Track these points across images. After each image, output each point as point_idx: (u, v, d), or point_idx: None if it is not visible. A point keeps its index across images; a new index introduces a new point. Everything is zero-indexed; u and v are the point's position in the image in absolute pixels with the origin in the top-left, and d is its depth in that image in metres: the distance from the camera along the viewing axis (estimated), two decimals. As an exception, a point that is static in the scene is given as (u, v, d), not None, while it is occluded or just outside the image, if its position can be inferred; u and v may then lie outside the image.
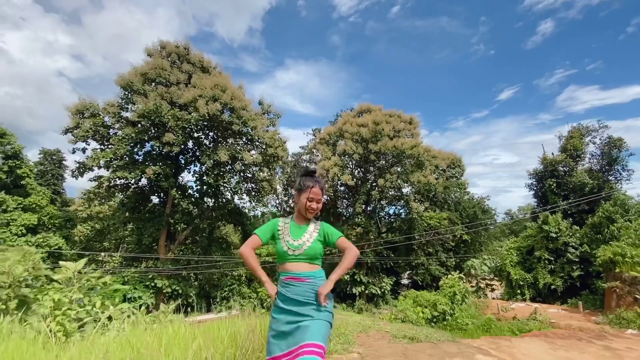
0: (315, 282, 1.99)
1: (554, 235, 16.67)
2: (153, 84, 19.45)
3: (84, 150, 19.38)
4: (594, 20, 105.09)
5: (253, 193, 22.74)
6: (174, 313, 5.45)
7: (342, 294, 24.22)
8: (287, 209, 30.74)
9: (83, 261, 4.25)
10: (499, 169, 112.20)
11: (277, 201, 32.39)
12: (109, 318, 3.96)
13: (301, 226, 2.13)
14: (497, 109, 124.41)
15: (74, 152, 19.42)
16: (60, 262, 4.14)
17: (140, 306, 16.97)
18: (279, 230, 2.12)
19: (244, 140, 21.34)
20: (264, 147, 21.02)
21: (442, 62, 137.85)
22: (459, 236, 27.60)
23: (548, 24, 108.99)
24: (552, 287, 16.17)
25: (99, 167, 19.04)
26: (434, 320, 13.36)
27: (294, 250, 2.02)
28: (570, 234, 16.76)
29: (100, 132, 19.07)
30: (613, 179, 18.96)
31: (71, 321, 3.05)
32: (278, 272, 2.13)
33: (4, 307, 3.63)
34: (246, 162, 20.23)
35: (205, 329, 2.67)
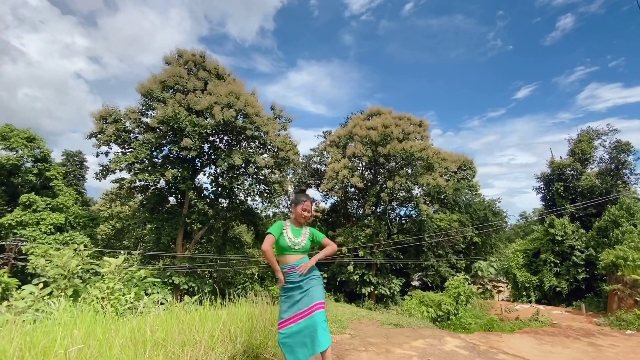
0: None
1: (559, 238, 16.85)
2: (171, 91, 20.50)
3: (107, 153, 20.58)
4: (616, 14, 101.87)
5: (265, 194, 23.51)
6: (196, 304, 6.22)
7: (351, 294, 24.76)
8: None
9: (122, 257, 5.05)
10: (516, 170, 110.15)
11: (288, 202, 33.16)
12: (144, 306, 4.72)
13: (299, 229, 2.88)
14: (514, 108, 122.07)
15: (97, 155, 20.66)
16: (105, 257, 4.93)
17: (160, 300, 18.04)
18: (283, 229, 2.84)
19: (256, 144, 22.20)
20: (275, 150, 21.83)
21: (457, 60, 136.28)
22: (469, 238, 27.74)
23: (568, 19, 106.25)
24: (557, 289, 16.36)
25: (121, 170, 20.18)
26: (439, 319, 13.81)
27: (295, 246, 2.76)
28: (577, 237, 16.90)
29: (122, 136, 20.23)
30: (621, 182, 18.94)
31: (121, 305, 3.80)
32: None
33: (63, 294, 4.44)
34: (259, 165, 21.04)
35: (227, 310, 3.38)
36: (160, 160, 21.18)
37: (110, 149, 20.68)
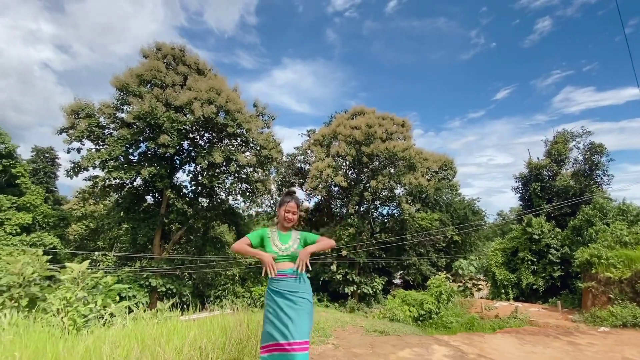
0: (298, 276, 2.50)
1: (537, 237, 17.33)
2: (148, 85, 19.70)
3: (79, 150, 19.57)
4: (592, 19, 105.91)
5: (247, 194, 23.06)
6: (169, 311, 5.85)
7: (334, 294, 24.66)
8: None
9: (86, 263, 4.63)
10: (494, 170, 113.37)
11: (271, 201, 32.71)
12: (111, 315, 4.35)
13: (285, 234, 2.64)
14: (493, 110, 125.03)
15: (68, 152, 19.61)
16: (66, 264, 4.51)
17: (137, 304, 17.31)
18: (268, 236, 2.60)
19: (238, 141, 21.69)
20: (258, 148, 21.39)
21: (439, 62, 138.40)
22: (449, 237, 28.21)
23: (546, 22, 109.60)
24: (535, 287, 16.82)
25: (94, 167, 19.22)
26: (421, 318, 13.85)
27: (282, 252, 2.52)
28: (553, 236, 17.43)
29: (96, 132, 19.27)
30: (594, 183, 19.72)
31: (80, 316, 3.44)
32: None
33: (16, 304, 4.00)
34: (240, 163, 20.55)
35: (200, 322, 3.09)
36: (136, 158, 20.34)
37: (83, 145, 19.70)
